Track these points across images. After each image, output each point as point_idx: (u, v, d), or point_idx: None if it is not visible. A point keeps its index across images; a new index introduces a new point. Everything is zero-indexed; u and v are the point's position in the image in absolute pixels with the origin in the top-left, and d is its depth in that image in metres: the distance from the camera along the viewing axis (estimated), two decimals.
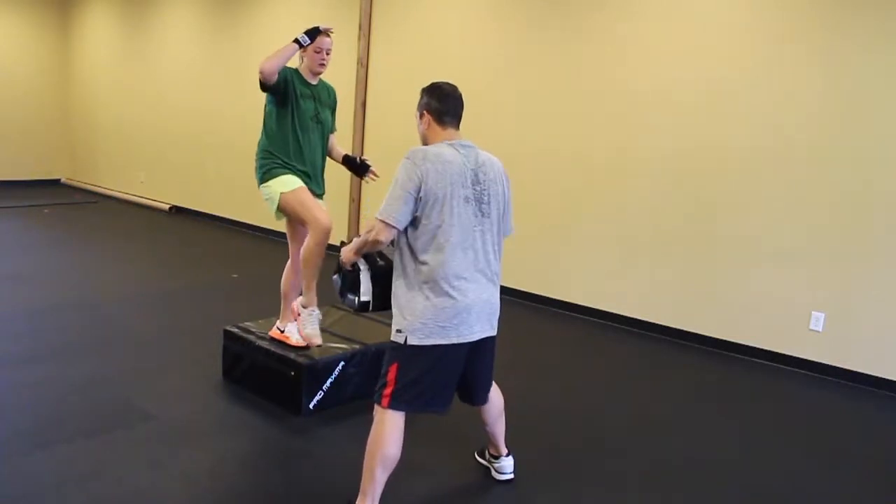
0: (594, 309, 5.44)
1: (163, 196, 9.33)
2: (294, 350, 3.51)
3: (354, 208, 6.95)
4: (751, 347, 4.74)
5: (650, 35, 5.00)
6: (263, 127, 3.46)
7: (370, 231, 2.42)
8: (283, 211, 3.42)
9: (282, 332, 3.63)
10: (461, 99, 2.56)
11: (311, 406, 3.43)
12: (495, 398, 2.81)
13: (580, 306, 5.51)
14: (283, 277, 3.70)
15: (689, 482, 3.05)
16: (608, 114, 5.25)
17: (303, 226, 3.45)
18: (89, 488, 2.67)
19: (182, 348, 4.24)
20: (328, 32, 3.34)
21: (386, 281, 2.58)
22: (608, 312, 5.37)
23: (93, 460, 2.88)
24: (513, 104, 5.74)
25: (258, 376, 3.62)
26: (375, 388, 2.50)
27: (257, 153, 3.47)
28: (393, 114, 6.54)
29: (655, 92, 5.00)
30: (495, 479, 2.93)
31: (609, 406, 3.83)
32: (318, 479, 2.88)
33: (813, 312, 4.48)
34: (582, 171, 5.42)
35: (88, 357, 4.00)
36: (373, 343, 3.64)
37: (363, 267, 2.64)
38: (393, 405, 2.43)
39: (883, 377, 4.28)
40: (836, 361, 4.44)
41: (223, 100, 8.17)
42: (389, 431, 2.43)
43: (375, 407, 2.48)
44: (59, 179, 10.88)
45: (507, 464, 2.92)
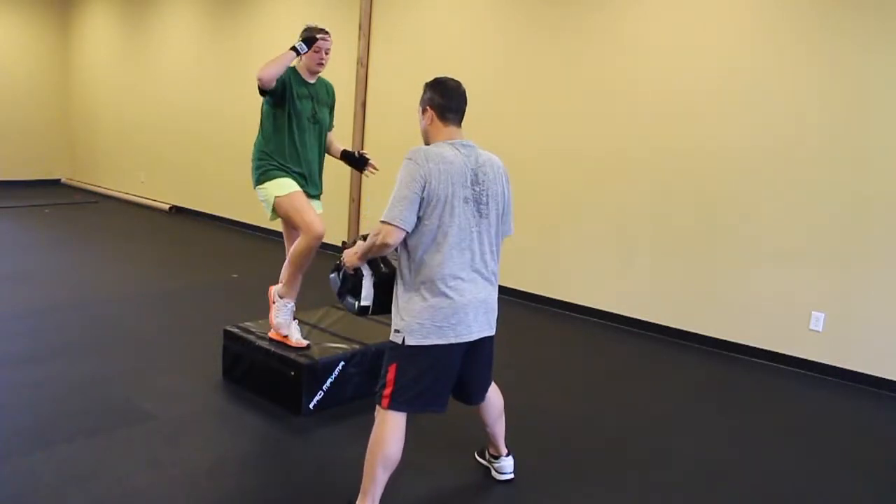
0: (594, 309, 5.44)
1: (163, 196, 9.33)
2: (294, 350, 3.51)
3: (354, 208, 6.95)
4: (751, 347, 4.74)
5: (650, 35, 5.00)
6: (260, 127, 3.45)
7: (377, 235, 2.37)
8: (278, 213, 3.42)
9: (279, 333, 3.63)
10: (465, 95, 2.53)
11: (311, 406, 3.43)
12: (495, 399, 2.81)
13: (580, 306, 5.51)
14: (281, 276, 3.70)
15: (689, 482, 3.05)
16: (608, 113, 5.25)
17: (296, 230, 3.45)
18: (89, 488, 2.67)
19: (182, 348, 4.24)
20: (325, 37, 3.34)
21: (388, 287, 2.55)
22: (608, 312, 5.37)
23: (93, 460, 2.88)
24: (513, 104, 5.74)
25: (258, 376, 3.62)
26: (376, 389, 2.51)
27: (253, 153, 3.46)
28: (393, 114, 6.54)
29: (655, 92, 5.00)
30: (495, 479, 2.93)
31: (609, 406, 3.83)
32: (319, 479, 2.88)
33: (813, 312, 4.48)
34: (582, 171, 5.42)
35: (88, 357, 4.00)
36: (373, 343, 3.64)
37: (366, 273, 2.58)
38: (393, 405, 2.43)
39: (883, 377, 4.29)
40: (836, 361, 4.44)
41: (223, 100, 8.17)
42: (390, 432, 2.43)
43: (376, 407, 2.48)
44: (59, 179, 10.88)
45: (507, 464, 2.92)
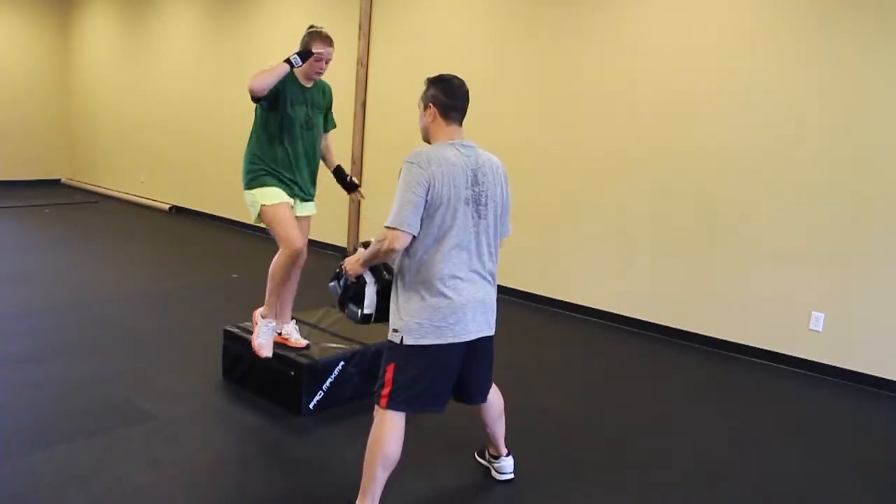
0: (594, 309, 5.44)
1: (163, 196, 9.33)
2: (294, 350, 3.52)
3: (354, 208, 6.95)
4: (751, 347, 4.73)
5: (650, 35, 5.00)
6: (253, 129, 3.40)
7: (382, 241, 2.35)
8: (262, 220, 3.39)
9: (279, 334, 3.63)
10: (468, 95, 2.51)
11: (311, 406, 3.43)
12: (495, 399, 2.81)
13: (580, 306, 5.51)
14: None
15: (689, 482, 3.05)
16: (608, 113, 5.24)
17: (276, 240, 3.40)
18: (89, 488, 2.67)
19: (182, 348, 4.24)
20: (326, 49, 3.25)
21: (390, 294, 2.53)
22: (608, 312, 5.37)
23: (93, 460, 2.88)
24: (513, 103, 5.74)
25: (258, 376, 3.62)
26: (374, 389, 2.51)
27: (245, 155, 3.41)
28: (393, 114, 6.53)
29: (655, 92, 5.00)
30: (495, 479, 2.93)
31: (609, 406, 3.83)
32: (319, 479, 2.88)
33: (813, 312, 4.48)
34: (582, 171, 5.42)
35: (88, 357, 4.00)
36: (373, 343, 3.63)
37: (369, 280, 2.55)
38: (391, 405, 2.43)
39: (883, 377, 4.28)
40: (836, 361, 4.44)
41: (223, 100, 8.17)
42: (389, 431, 2.43)
43: (376, 407, 2.48)
44: (59, 179, 10.88)
45: (507, 464, 2.92)
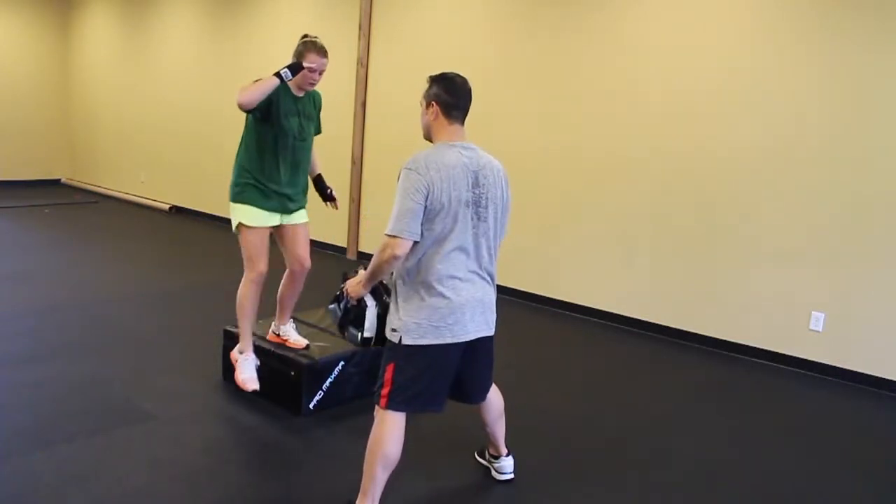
0: (594, 309, 5.44)
1: (163, 196, 9.33)
2: (294, 350, 3.52)
3: (354, 208, 6.95)
4: (751, 347, 4.74)
5: (650, 35, 5.00)
6: (242, 140, 3.34)
7: (384, 250, 2.33)
8: (238, 235, 3.36)
9: (278, 336, 3.63)
10: (471, 93, 2.50)
11: (312, 406, 3.43)
12: (495, 399, 2.81)
13: (580, 306, 5.51)
14: (281, 284, 3.69)
15: (689, 482, 3.05)
16: (608, 113, 5.25)
17: (244, 260, 3.37)
18: (89, 488, 2.67)
19: (182, 348, 4.24)
20: (318, 62, 3.19)
21: None
22: (608, 312, 5.37)
23: (93, 460, 2.88)
24: (513, 103, 5.74)
25: (258, 376, 3.61)
26: (374, 389, 2.51)
27: (234, 165, 3.34)
28: (393, 114, 6.53)
29: (655, 92, 5.00)
30: (495, 479, 2.93)
31: (609, 406, 3.83)
32: (319, 479, 2.88)
33: (813, 312, 4.48)
34: (582, 171, 5.42)
35: (88, 357, 4.00)
36: None
37: (370, 303, 2.54)
38: (391, 405, 2.43)
39: (883, 377, 4.28)
40: (836, 361, 4.44)
41: (223, 100, 8.16)
42: (389, 431, 2.43)
43: (376, 407, 2.48)
44: (59, 179, 10.88)
45: (507, 464, 2.93)
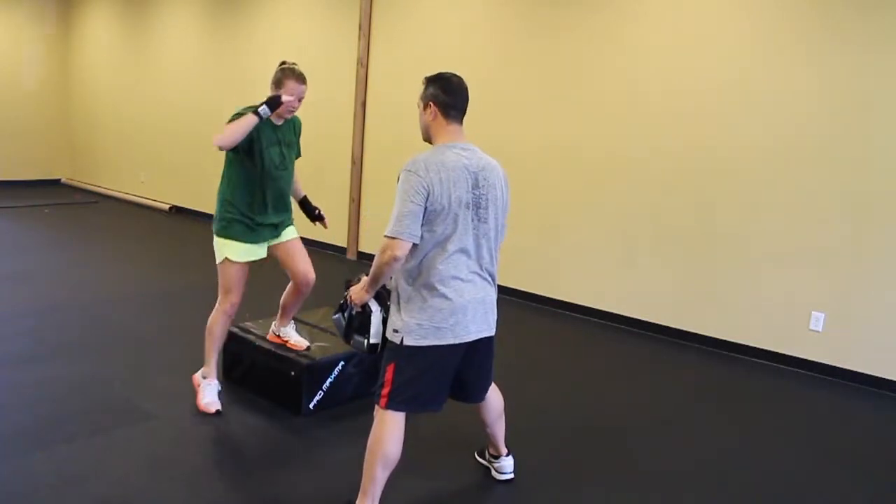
0: (594, 309, 5.44)
1: (163, 196, 9.33)
2: (294, 350, 3.52)
3: (354, 208, 6.95)
4: (751, 347, 4.73)
5: (650, 35, 5.00)
6: (224, 173, 3.29)
7: (384, 252, 2.32)
8: (218, 266, 3.36)
9: (278, 336, 3.63)
10: (467, 92, 2.50)
11: (311, 406, 3.43)
12: (495, 399, 2.81)
13: (580, 306, 5.51)
14: (285, 292, 3.67)
15: (690, 482, 3.05)
16: (608, 113, 5.25)
17: (220, 289, 3.39)
18: (89, 488, 2.67)
19: (182, 348, 4.24)
20: (297, 91, 3.16)
21: None
22: (608, 312, 5.37)
23: (93, 460, 2.88)
24: (513, 104, 5.74)
25: (258, 376, 3.62)
26: (374, 389, 2.51)
27: (218, 197, 3.30)
28: (393, 114, 6.53)
29: (655, 92, 5.00)
30: (495, 479, 2.93)
31: (609, 406, 3.83)
32: (319, 479, 2.88)
33: (813, 312, 4.48)
34: (582, 171, 5.42)
35: (88, 357, 4.00)
36: None
37: (375, 309, 2.53)
38: (391, 405, 2.43)
39: (883, 377, 4.28)
40: (836, 361, 4.44)
41: (223, 100, 8.16)
42: (389, 431, 2.43)
43: (375, 407, 2.48)
44: (59, 179, 10.88)
45: (507, 464, 2.93)
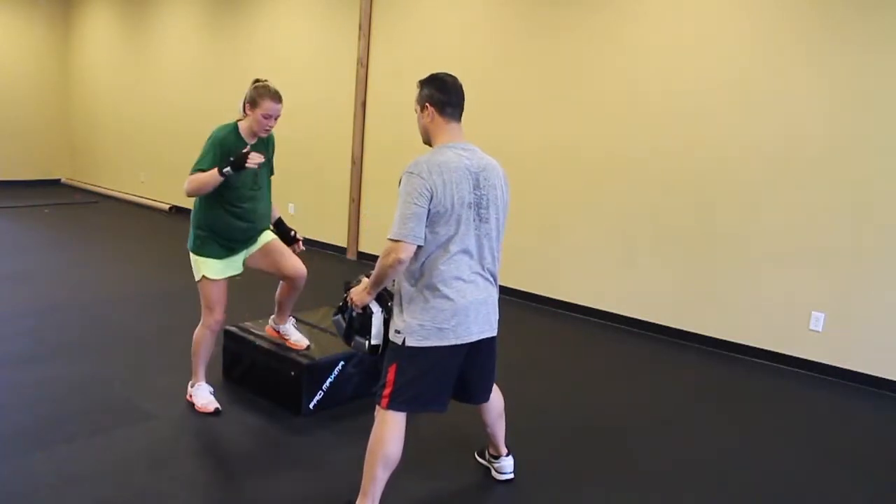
0: (594, 309, 5.44)
1: (163, 196, 9.33)
2: (294, 350, 3.52)
3: (354, 208, 6.95)
4: (751, 347, 4.73)
5: (650, 35, 5.00)
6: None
7: (388, 255, 2.32)
8: (198, 285, 3.30)
9: (277, 331, 3.63)
10: (462, 89, 2.50)
11: (311, 406, 3.43)
12: (495, 399, 2.81)
13: (580, 306, 5.51)
14: (279, 289, 3.67)
15: (690, 482, 3.05)
16: (608, 113, 5.25)
17: (203, 307, 3.33)
18: (89, 488, 2.67)
19: (182, 348, 4.21)
20: (275, 108, 3.02)
21: None
22: (608, 312, 5.37)
23: (93, 460, 2.88)
24: (513, 103, 5.74)
25: (258, 376, 3.62)
26: (375, 389, 2.51)
27: (192, 217, 3.24)
28: (393, 114, 6.53)
29: (655, 92, 5.00)
30: (495, 479, 2.93)
31: (609, 406, 3.83)
32: (319, 479, 2.88)
33: (813, 312, 4.48)
34: (582, 171, 5.42)
35: (88, 357, 4.00)
36: None
37: (376, 310, 2.53)
38: (392, 406, 2.43)
39: (883, 377, 4.28)
40: (836, 361, 4.44)
41: (223, 100, 8.15)
42: (390, 431, 2.43)
43: (376, 407, 2.48)
44: (59, 179, 10.88)
45: (507, 464, 2.93)
